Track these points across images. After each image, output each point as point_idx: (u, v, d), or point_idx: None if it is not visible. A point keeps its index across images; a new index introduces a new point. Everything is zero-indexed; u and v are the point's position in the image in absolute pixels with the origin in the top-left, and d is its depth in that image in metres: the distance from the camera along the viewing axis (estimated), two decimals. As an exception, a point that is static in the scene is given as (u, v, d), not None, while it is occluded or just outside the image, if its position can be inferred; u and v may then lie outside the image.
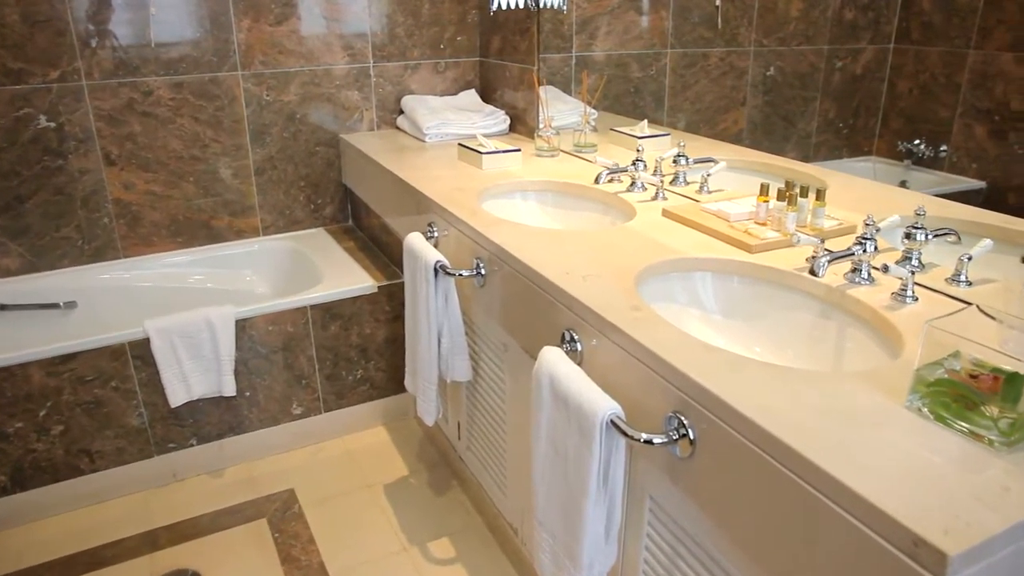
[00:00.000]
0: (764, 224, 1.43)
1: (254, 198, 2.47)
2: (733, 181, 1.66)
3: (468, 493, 2.00)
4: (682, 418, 0.93)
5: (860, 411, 0.84)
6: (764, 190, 1.44)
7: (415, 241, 1.67)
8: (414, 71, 2.56)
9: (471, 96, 2.62)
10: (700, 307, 1.32)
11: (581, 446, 1.02)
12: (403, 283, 2.18)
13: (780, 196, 1.41)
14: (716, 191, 1.69)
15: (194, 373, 1.93)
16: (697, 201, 1.63)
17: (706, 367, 0.93)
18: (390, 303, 2.19)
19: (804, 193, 1.40)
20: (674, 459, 0.97)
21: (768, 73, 1.48)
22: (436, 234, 1.73)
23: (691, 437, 0.92)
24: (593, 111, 2.12)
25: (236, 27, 2.28)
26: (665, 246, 1.36)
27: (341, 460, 2.16)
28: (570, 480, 1.06)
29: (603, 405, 0.99)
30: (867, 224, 1.19)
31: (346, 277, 2.18)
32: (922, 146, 1.22)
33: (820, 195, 1.39)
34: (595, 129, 2.12)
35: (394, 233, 2.27)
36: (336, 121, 2.51)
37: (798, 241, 1.25)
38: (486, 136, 2.39)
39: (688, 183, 1.75)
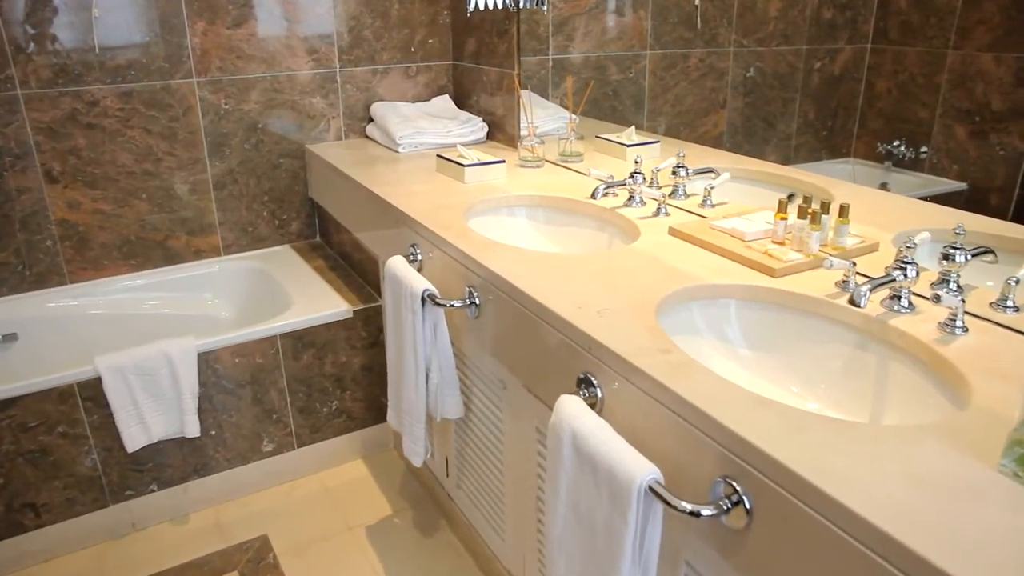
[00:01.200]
0: (783, 244, 1.32)
1: (214, 215, 2.28)
2: (733, 192, 1.55)
3: (458, 533, 1.85)
4: (734, 484, 0.81)
5: (948, 478, 0.72)
6: (782, 207, 1.33)
7: (398, 266, 1.52)
8: (383, 76, 2.40)
9: (445, 102, 2.48)
10: (724, 339, 1.20)
11: (613, 514, 0.89)
12: (380, 307, 2.03)
13: (801, 213, 1.30)
14: (720, 204, 1.58)
15: (153, 413, 1.75)
16: (704, 217, 1.51)
17: (762, 426, 0.80)
18: (366, 328, 2.03)
19: (825, 209, 1.30)
20: (722, 528, 0.84)
21: (748, 74, 1.43)
22: (420, 257, 1.58)
23: (747, 506, 0.80)
24: (574, 117, 2.00)
25: (190, 30, 2.09)
26: (679, 271, 1.24)
27: (318, 499, 2.00)
28: (598, 550, 0.93)
29: (640, 469, 0.86)
30: (907, 246, 1.09)
31: (318, 301, 2.01)
32: (902, 147, 1.20)
33: (843, 211, 1.28)
34: (581, 137, 2.00)
35: (367, 250, 2.11)
36: (301, 131, 2.34)
37: (831, 265, 1.13)
38: (463, 145, 2.25)
39: (688, 195, 1.64)
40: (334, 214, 2.20)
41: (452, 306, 1.36)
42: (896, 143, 1.20)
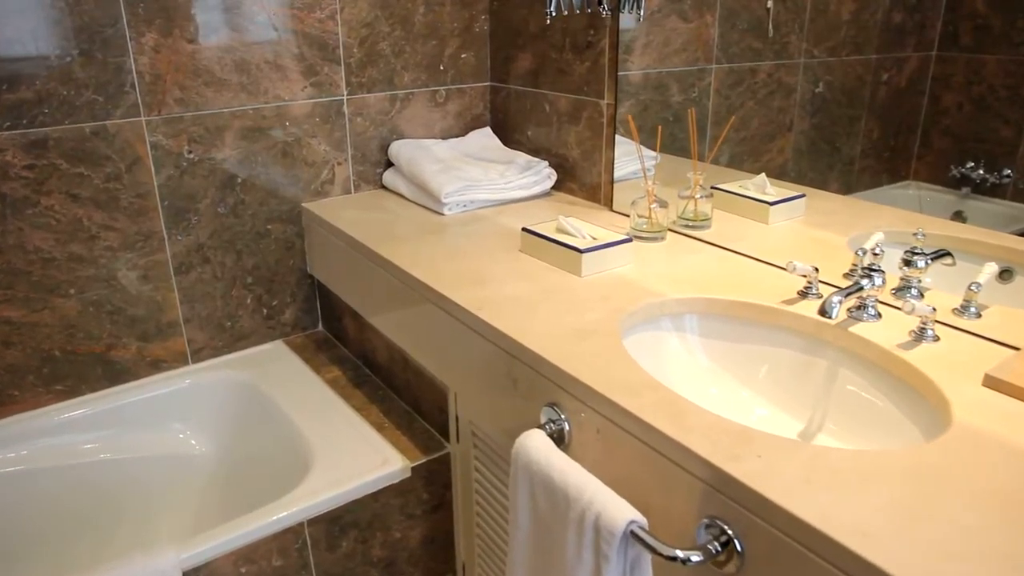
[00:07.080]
0: None
1: (176, 309, 1.60)
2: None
3: None
4: None
5: None
6: None
7: (551, 459, 0.90)
8: (405, 104, 1.76)
9: (487, 138, 1.85)
10: None
11: None
12: (449, 455, 1.39)
13: None
14: (982, 309, 1.05)
15: None
16: (1015, 348, 0.96)
17: None
18: (429, 488, 1.39)
19: None
20: None
21: (817, 90, 1.23)
22: (565, 426, 0.97)
23: None
24: (662, 159, 1.44)
25: (134, 45, 1.41)
26: None
27: None
28: None
29: None
30: None
31: (352, 451, 1.35)
32: (980, 170, 1.03)
33: None
34: (710, 195, 1.44)
35: (407, 354, 1.47)
36: (296, 183, 1.68)
37: None
38: (525, 198, 1.65)
39: (922, 290, 1.10)
40: (355, 306, 1.55)
41: (688, 562, 0.75)
42: (970, 165, 1.04)
